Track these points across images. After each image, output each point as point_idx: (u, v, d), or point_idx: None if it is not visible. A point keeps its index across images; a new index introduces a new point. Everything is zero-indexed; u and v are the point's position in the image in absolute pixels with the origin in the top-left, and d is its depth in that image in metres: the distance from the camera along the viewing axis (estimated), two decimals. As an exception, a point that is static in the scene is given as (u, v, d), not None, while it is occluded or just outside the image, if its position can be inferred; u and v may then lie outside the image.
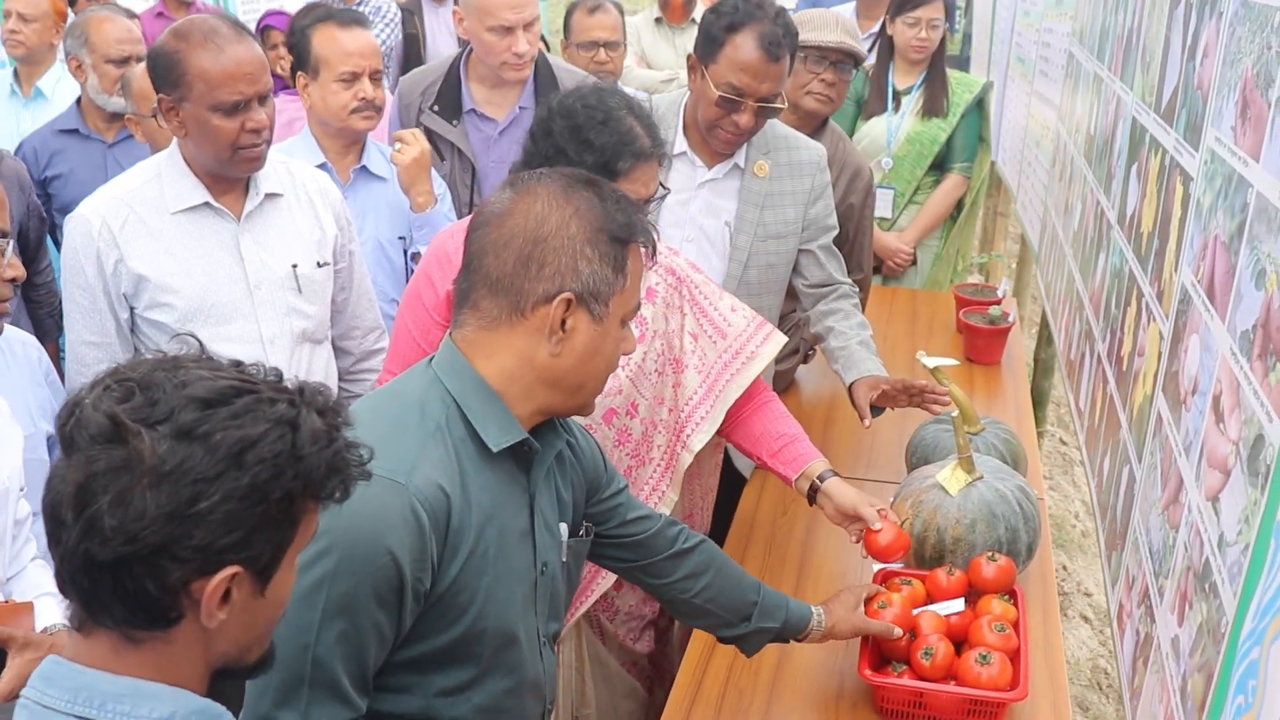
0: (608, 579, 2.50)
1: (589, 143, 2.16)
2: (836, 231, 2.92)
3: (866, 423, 2.72)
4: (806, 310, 2.94)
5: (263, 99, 2.39)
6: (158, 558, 1.06)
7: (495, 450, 1.60)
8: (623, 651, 2.69)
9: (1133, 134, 2.65)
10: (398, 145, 3.03)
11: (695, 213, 2.80)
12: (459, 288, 1.66)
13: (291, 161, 2.68)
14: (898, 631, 2.11)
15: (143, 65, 2.99)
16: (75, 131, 3.71)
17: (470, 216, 2.31)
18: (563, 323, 1.57)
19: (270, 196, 2.54)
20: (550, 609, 1.79)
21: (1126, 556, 2.24)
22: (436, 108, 3.32)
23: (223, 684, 1.22)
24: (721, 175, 2.80)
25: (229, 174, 2.46)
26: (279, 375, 1.20)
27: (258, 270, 2.50)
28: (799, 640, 2.13)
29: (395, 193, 3.09)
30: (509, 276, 1.58)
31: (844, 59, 3.27)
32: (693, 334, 2.50)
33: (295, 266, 2.55)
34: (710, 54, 2.62)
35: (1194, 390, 1.81)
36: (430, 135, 3.28)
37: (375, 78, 3.02)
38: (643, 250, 1.67)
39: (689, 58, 2.72)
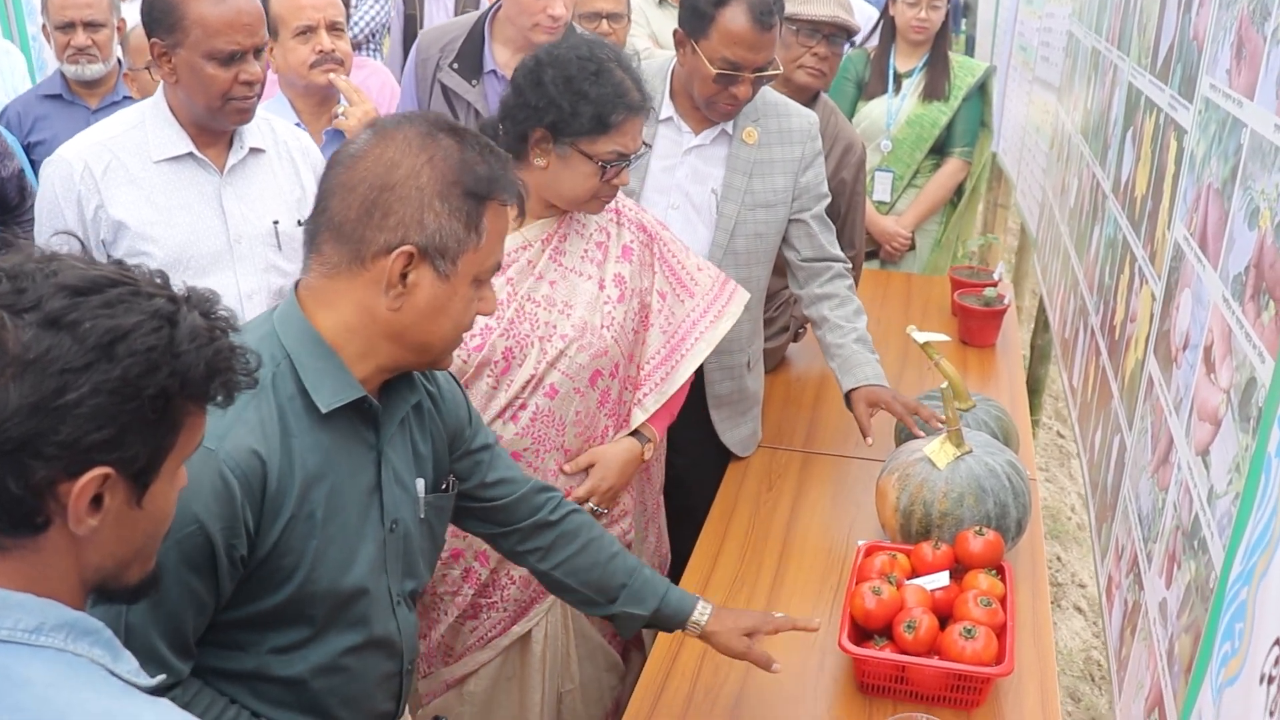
0: None
1: (584, 94, 2.11)
2: (829, 200, 2.84)
3: (869, 440, 2.65)
4: (800, 288, 2.85)
5: (258, 52, 2.36)
6: (21, 454, 0.99)
7: (325, 411, 1.51)
8: (604, 623, 2.62)
9: (1128, 99, 2.59)
10: (341, 108, 2.94)
11: (681, 179, 2.73)
12: (307, 230, 1.57)
13: (274, 119, 2.64)
14: (776, 667, 1.97)
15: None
16: (59, 97, 3.67)
17: None
18: (404, 276, 1.49)
19: (254, 152, 2.51)
20: (406, 567, 1.71)
21: (1116, 527, 2.17)
22: (456, 65, 3.21)
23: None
24: (708, 141, 2.73)
25: (216, 125, 2.42)
26: (165, 278, 1.13)
27: (239, 224, 2.46)
28: (682, 631, 2.02)
29: None
30: (352, 223, 1.49)
31: (836, 32, 3.20)
32: (660, 293, 2.46)
33: (276, 223, 2.50)
34: (700, 29, 2.55)
35: (1185, 345, 1.74)
36: (446, 94, 3.20)
37: (335, 30, 2.95)
38: (509, 208, 1.57)
39: (676, 33, 2.63)
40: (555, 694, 2.55)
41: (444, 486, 1.79)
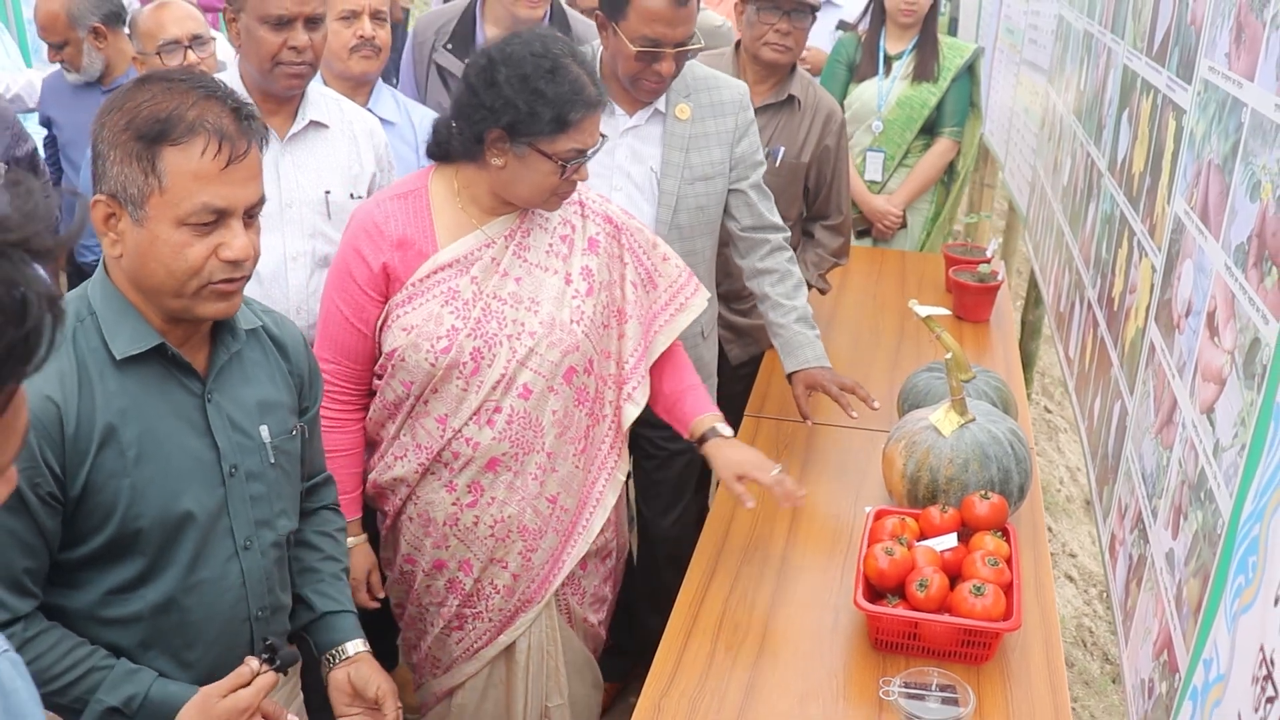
0: (573, 556, 2.46)
1: (540, 93, 2.08)
2: (765, 168, 2.91)
3: (809, 422, 2.79)
4: (740, 259, 2.91)
5: (312, 22, 2.51)
6: None
7: (120, 358, 1.61)
8: (586, 634, 2.65)
9: (1124, 82, 2.68)
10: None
11: (621, 161, 2.77)
12: None
13: (345, 101, 2.75)
14: None
15: (150, 5, 3.02)
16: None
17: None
18: (113, 224, 1.58)
19: (316, 125, 2.63)
20: (259, 511, 1.78)
21: (1118, 488, 2.27)
22: (450, 46, 3.32)
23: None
24: (643, 121, 2.78)
25: (272, 90, 2.55)
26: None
27: (291, 189, 2.57)
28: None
29: (403, 139, 3.07)
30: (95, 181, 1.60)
31: (799, 8, 3.20)
32: (634, 283, 2.45)
33: (328, 193, 2.60)
34: (618, 10, 2.58)
35: (1188, 312, 1.84)
36: (441, 73, 3.29)
37: (377, 17, 3.00)
38: (191, 146, 1.55)
39: (596, 16, 2.68)
40: (540, 707, 2.55)
41: (291, 431, 1.85)
